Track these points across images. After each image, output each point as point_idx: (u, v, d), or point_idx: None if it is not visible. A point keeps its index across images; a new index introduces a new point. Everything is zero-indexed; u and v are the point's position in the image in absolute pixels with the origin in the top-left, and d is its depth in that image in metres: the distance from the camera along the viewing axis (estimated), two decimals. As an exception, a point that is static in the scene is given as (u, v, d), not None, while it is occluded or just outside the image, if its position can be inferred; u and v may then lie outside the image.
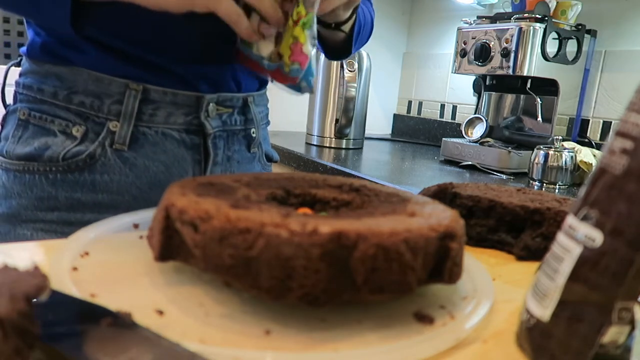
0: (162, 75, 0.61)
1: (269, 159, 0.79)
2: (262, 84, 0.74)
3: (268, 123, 0.79)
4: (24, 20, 0.65)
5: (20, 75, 0.62)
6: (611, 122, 1.50)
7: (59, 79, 0.59)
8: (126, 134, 0.59)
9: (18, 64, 0.65)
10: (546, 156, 1.27)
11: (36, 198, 0.58)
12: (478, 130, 1.60)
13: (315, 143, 1.74)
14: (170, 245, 0.32)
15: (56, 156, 0.58)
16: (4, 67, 0.68)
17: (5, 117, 0.62)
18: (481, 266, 0.39)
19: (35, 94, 0.60)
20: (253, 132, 0.72)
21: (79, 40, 0.58)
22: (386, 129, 2.26)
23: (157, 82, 0.60)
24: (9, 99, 0.65)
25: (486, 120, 1.58)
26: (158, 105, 0.60)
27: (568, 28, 1.42)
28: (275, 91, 0.77)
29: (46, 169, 0.58)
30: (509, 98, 1.62)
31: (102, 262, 0.35)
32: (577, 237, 0.26)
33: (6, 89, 0.66)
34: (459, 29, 1.53)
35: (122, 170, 0.60)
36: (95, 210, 0.60)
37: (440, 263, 0.31)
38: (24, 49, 0.62)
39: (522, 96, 1.57)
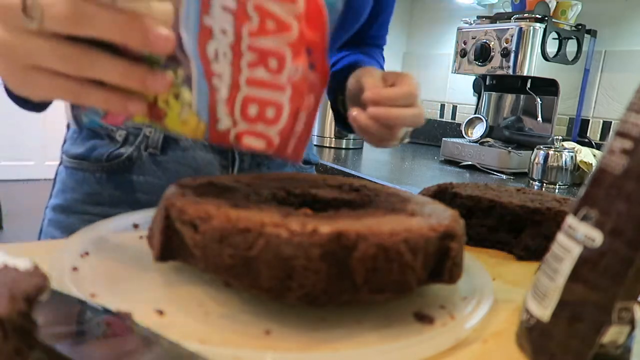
0: None
1: (306, 162, 0.79)
2: None
3: None
4: None
5: None
6: (611, 122, 1.50)
7: None
8: (159, 138, 0.64)
9: None
10: (546, 156, 1.27)
11: (85, 193, 0.65)
12: (478, 130, 1.60)
13: (315, 143, 1.74)
14: (170, 245, 0.32)
15: (101, 157, 0.64)
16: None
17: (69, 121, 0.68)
18: (481, 266, 0.39)
19: None
20: None
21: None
22: (386, 129, 2.26)
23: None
24: None
25: (486, 120, 1.58)
26: None
27: (568, 28, 1.42)
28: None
29: (93, 169, 0.65)
30: (509, 98, 1.62)
31: (102, 262, 0.35)
32: (577, 237, 0.26)
33: None
34: (459, 29, 1.53)
35: (156, 172, 0.65)
36: (134, 208, 0.62)
37: (440, 263, 0.31)
38: None
39: (522, 96, 1.57)
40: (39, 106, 0.49)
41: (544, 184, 1.28)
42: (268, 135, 0.34)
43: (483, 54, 1.42)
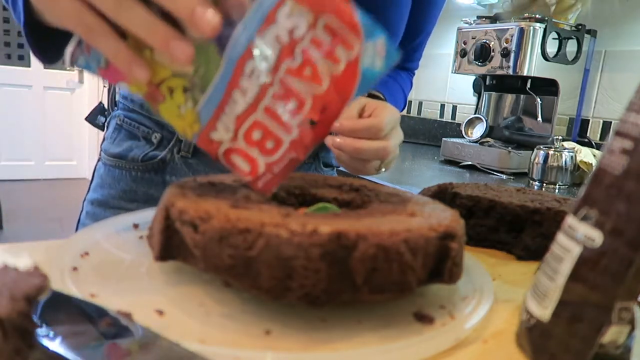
0: None
1: (326, 165, 0.80)
2: None
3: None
4: None
5: None
6: (611, 122, 1.50)
7: None
8: (190, 143, 0.69)
9: None
10: (546, 156, 1.27)
11: (121, 190, 0.70)
12: (478, 130, 1.60)
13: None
14: (170, 245, 0.32)
15: (137, 157, 0.69)
16: (4, 67, 0.69)
17: (109, 121, 0.76)
18: (481, 266, 0.39)
19: (129, 103, 0.71)
20: None
21: None
22: (386, 129, 2.26)
23: None
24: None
25: (486, 120, 1.58)
26: None
27: (568, 28, 1.42)
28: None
29: (130, 167, 0.70)
30: (509, 98, 1.62)
31: (102, 262, 0.35)
32: (576, 237, 0.26)
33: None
34: (459, 29, 1.53)
35: (187, 174, 0.69)
36: None
37: (440, 263, 0.31)
38: None
39: (522, 96, 1.57)
40: (50, 55, 0.48)
41: (544, 184, 1.28)
42: (256, 162, 0.35)
43: (483, 54, 1.42)
